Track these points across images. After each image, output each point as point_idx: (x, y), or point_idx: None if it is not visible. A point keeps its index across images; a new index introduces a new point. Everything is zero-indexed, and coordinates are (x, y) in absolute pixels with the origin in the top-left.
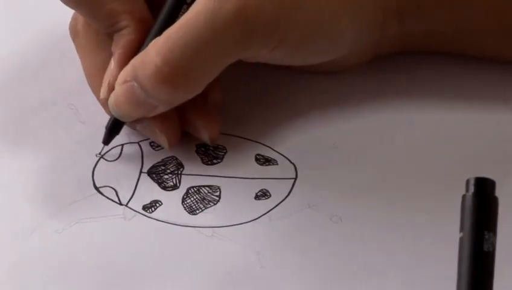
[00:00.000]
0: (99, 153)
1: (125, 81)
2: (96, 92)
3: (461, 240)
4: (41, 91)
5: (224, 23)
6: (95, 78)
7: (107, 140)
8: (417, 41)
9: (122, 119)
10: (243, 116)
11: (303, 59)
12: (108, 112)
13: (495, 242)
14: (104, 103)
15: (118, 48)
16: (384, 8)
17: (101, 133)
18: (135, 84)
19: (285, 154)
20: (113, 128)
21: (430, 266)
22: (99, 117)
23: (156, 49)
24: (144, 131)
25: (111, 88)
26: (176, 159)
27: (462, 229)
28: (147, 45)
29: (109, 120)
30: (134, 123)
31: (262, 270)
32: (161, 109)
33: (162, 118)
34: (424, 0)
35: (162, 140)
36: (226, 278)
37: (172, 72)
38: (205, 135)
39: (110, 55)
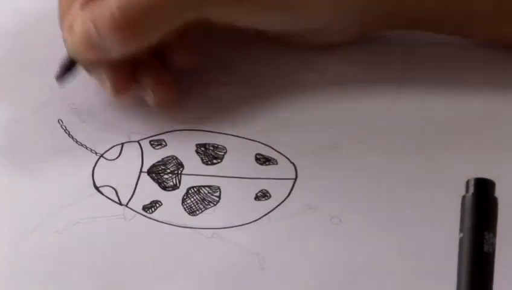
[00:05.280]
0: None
1: (84, 22)
2: (62, 28)
3: (461, 240)
4: (42, 90)
5: None
6: (64, 14)
7: (59, 77)
8: (404, 20)
9: (76, 58)
10: (242, 116)
11: (271, 21)
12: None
13: (495, 243)
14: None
15: None
16: None
17: (102, 133)
18: (91, 26)
19: (285, 154)
20: (67, 66)
21: (430, 267)
22: (99, 117)
23: None
24: (95, 77)
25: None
26: (176, 158)
27: (462, 229)
28: None
29: (64, 57)
30: (89, 68)
31: (262, 271)
32: (114, 54)
33: (112, 67)
34: None
35: (107, 88)
36: (226, 279)
37: (124, 21)
38: (150, 97)
39: None
